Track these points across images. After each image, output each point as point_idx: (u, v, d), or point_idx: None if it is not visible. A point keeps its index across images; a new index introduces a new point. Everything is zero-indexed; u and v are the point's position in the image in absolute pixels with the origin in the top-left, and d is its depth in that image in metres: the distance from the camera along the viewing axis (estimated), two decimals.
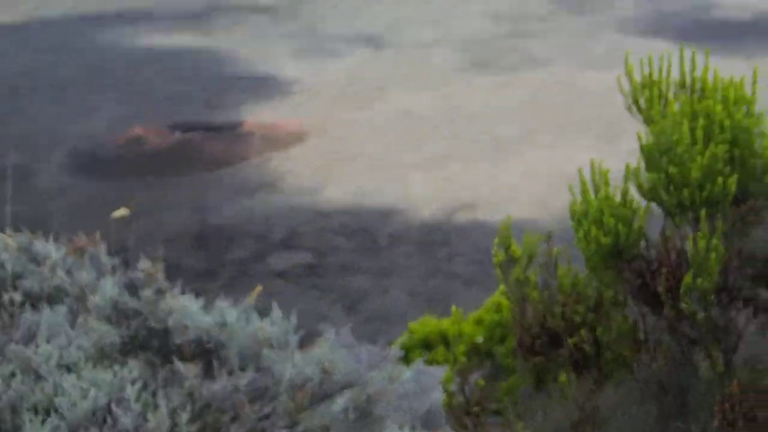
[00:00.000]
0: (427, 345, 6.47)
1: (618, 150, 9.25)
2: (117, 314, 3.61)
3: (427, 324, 6.71)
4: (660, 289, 4.22)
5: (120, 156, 16.87)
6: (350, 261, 12.36)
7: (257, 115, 19.69)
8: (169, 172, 16.18)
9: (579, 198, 4.48)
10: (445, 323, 6.72)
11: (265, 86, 22.73)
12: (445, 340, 6.49)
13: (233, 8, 34.65)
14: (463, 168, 15.68)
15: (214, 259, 12.33)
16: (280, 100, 21.45)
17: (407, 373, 3.78)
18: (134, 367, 3.21)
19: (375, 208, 14.23)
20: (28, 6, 36.88)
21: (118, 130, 18.91)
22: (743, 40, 24.83)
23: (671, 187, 4.25)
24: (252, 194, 14.98)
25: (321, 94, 21.80)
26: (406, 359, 5.76)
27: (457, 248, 12.68)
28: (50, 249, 4.21)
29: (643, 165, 4.36)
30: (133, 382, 3.13)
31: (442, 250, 12.81)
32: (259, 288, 3.90)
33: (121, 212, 13.50)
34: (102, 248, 4.36)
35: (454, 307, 6.86)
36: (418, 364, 4.22)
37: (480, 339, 6.18)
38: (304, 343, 3.61)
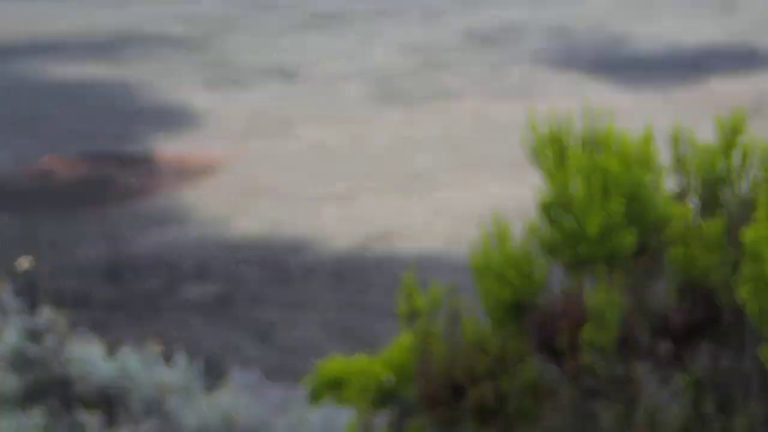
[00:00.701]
0: (336, 385, 6.44)
1: (526, 185, 9.36)
2: (20, 361, 3.58)
3: (336, 363, 6.69)
4: (560, 342, 4.28)
5: (30, 189, 16.68)
6: (262, 292, 12.32)
7: (168, 147, 19.58)
8: (80, 204, 16.04)
9: (480, 251, 4.52)
10: (355, 363, 6.70)
11: (176, 118, 22.63)
12: (355, 380, 6.46)
13: (145, 38, 34.50)
14: (375, 201, 15.74)
15: (125, 290, 12.23)
16: (191, 131, 21.36)
17: (316, 415, 3.79)
18: (36, 415, 3.18)
19: (287, 239, 14.24)
20: None
21: (26, 164, 18.69)
22: (654, 72, 25.22)
23: (569, 242, 4.32)
24: (163, 225, 14.90)
25: (232, 126, 21.75)
26: (315, 399, 5.76)
27: (370, 280, 12.71)
28: None
29: (541, 220, 4.42)
30: (35, 430, 3.11)
31: (355, 282, 12.84)
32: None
33: (26, 263, 13.36)
34: (8, 290, 4.31)
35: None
36: (327, 406, 4.24)
37: (389, 378, 6.16)
38: (212, 382, 3.61)
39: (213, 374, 3.95)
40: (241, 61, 29.89)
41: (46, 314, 3.92)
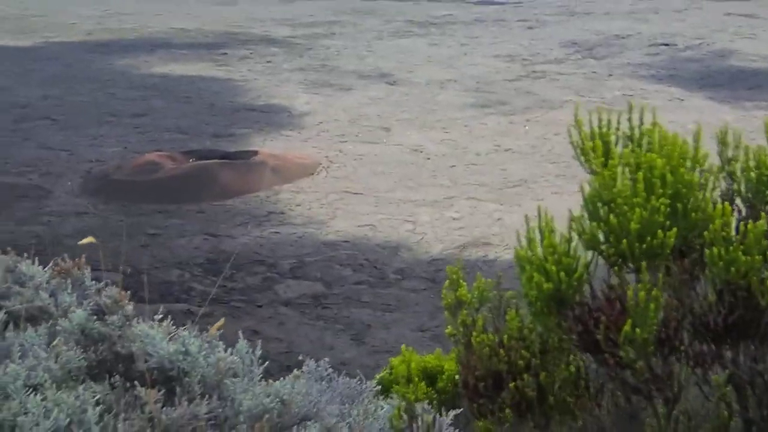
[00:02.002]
0: (408, 380, 6.51)
1: None
2: (85, 338, 3.73)
3: (409, 359, 6.77)
4: (600, 337, 4.35)
5: (134, 181, 17.01)
6: (356, 293, 12.45)
7: (269, 146, 19.84)
8: (182, 198, 16.32)
9: (525, 244, 4.61)
10: (429, 358, 6.77)
11: (277, 118, 22.89)
12: (427, 376, 6.53)
13: (249, 39, 34.90)
14: (471, 207, 15.81)
15: (223, 285, 12.44)
16: (291, 132, 21.60)
17: (385, 408, 3.89)
18: (98, 391, 3.31)
19: (382, 242, 14.36)
20: (44, 33, 37.14)
21: (132, 156, 19.08)
22: (758, 88, 24.96)
23: (611, 238, 4.39)
24: (261, 223, 15.12)
25: (331, 127, 21.96)
26: (385, 393, 5.85)
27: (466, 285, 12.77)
28: (35, 270, 4.33)
29: (585, 214, 4.49)
30: (96, 404, 3.23)
31: None
32: (221, 322, 4.01)
33: (88, 240, 13.61)
34: (86, 271, 4.47)
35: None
36: (395, 400, 4.34)
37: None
38: (283, 374, 3.70)
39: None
40: (342, 65, 30.10)
41: (113, 293, 4.06)
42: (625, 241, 4.24)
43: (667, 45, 32.26)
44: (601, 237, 4.43)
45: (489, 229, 14.61)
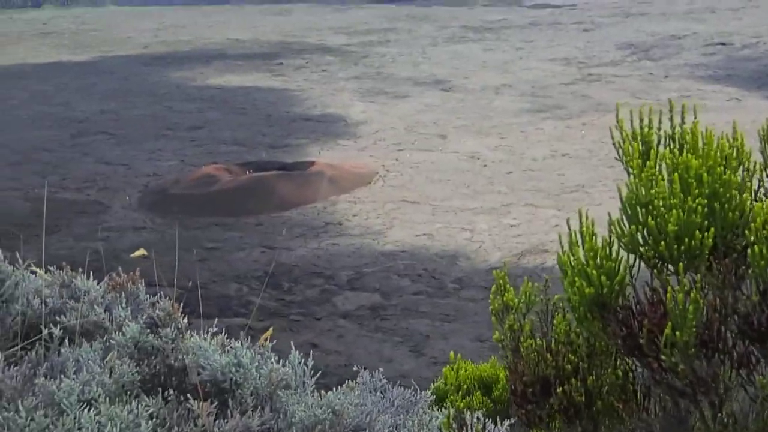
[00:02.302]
0: (458, 389, 6.48)
1: None
2: (139, 352, 3.74)
3: (464, 368, 6.73)
4: (643, 340, 4.28)
5: (191, 194, 17.10)
6: (415, 304, 12.41)
7: (325, 156, 19.87)
8: (239, 211, 16.38)
9: (566, 248, 4.55)
10: (484, 368, 6.72)
11: (333, 127, 22.94)
12: (483, 385, 6.49)
13: (304, 49, 35.03)
14: (529, 214, 15.73)
15: (281, 298, 12.45)
16: (348, 141, 21.63)
17: (439, 418, 3.86)
18: (151, 404, 3.31)
19: (440, 251, 14.31)
20: (101, 48, 37.48)
21: (189, 170, 19.18)
22: None
23: (649, 240, 4.32)
24: (319, 235, 15.13)
25: (387, 136, 21.95)
26: (440, 404, 5.80)
27: None
28: (90, 285, 4.35)
29: (624, 217, 4.42)
30: (150, 418, 3.24)
31: None
32: (269, 332, 4.00)
33: (140, 252, 13.75)
34: (141, 285, 4.49)
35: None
36: (452, 410, 4.30)
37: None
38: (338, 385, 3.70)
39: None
40: (397, 72, 30.12)
41: (166, 306, 4.06)
42: (663, 242, 4.19)
43: (723, 44, 31.99)
44: (640, 239, 4.38)
45: (547, 235, 14.51)
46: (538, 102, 24.96)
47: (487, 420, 3.74)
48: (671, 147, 4.46)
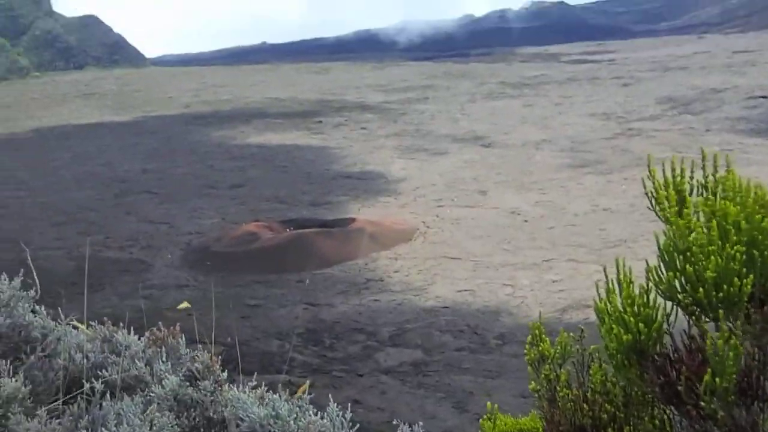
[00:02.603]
0: None
1: None
2: (178, 404, 3.74)
3: (503, 422, 6.66)
4: (681, 388, 4.23)
5: (233, 252, 17.15)
6: (457, 359, 12.34)
7: (366, 213, 19.90)
8: (281, 268, 16.40)
9: (603, 296, 4.52)
10: (524, 421, 6.66)
11: (373, 184, 22.98)
12: None
13: (343, 107, 35.21)
14: (570, 270, 15.65)
15: (325, 354, 12.42)
16: (388, 198, 21.66)
17: None
18: None
19: (482, 307, 14.25)
20: (143, 107, 37.82)
21: (230, 227, 19.26)
22: None
23: (687, 287, 4.28)
24: (361, 291, 15.11)
25: (427, 192, 21.97)
26: None
27: None
28: (131, 340, 4.37)
29: (661, 264, 4.39)
30: None
31: None
32: (306, 384, 3.99)
33: (184, 305, 13.79)
34: (181, 340, 4.51)
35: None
36: None
37: None
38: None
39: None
40: (436, 129, 30.20)
41: (205, 359, 4.07)
42: (701, 289, 4.16)
43: (765, 97, 31.88)
44: (678, 287, 4.35)
45: (589, 291, 14.40)
46: (579, 157, 24.94)
47: None
48: (705, 195, 4.46)
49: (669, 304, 4.51)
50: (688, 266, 4.19)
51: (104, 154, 29.23)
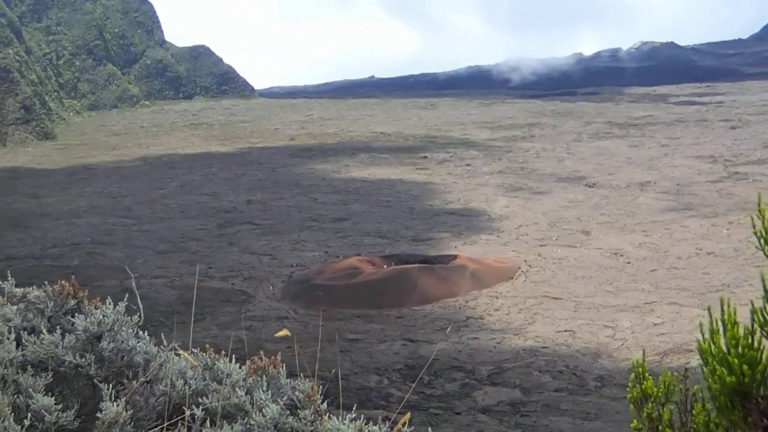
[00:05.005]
0: None
1: None
2: None
3: None
4: None
5: (335, 285, 17.27)
6: (555, 400, 12.28)
7: (468, 250, 19.92)
8: (381, 303, 16.48)
9: (707, 336, 4.49)
10: None
11: (476, 221, 23.01)
12: None
13: (449, 143, 35.32)
14: (672, 313, 15.50)
15: (423, 391, 12.45)
16: (490, 235, 21.66)
17: None
18: None
19: (582, 348, 14.17)
20: (249, 139, 38.27)
21: (332, 261, 19.41)
22: None
23: None
24: (460, 329, 15.12)
25: (530, 231, 21.93)
26: None
27: None
28: (232, 368, 4.46)
29: (767, 305, 4.34)
30: None
31: None
32: (407, 416, 4.03)
33: (283, 332, 13.89)
34: (282, 369, 4.57)
35: None
36: None
37: None
38: None
39: None
40: (541, 167, 30.15)
41: (305, 388, 4.12)
42: None
43: None
44: None
45: (691, 335, 14.25)
46: (683, 200, 24.72)
47: None
48: None
49: None
50: None
51: (209, 184, 29.64)
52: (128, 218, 24.91)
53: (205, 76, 62.61)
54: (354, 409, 4.18)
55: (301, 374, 4.59)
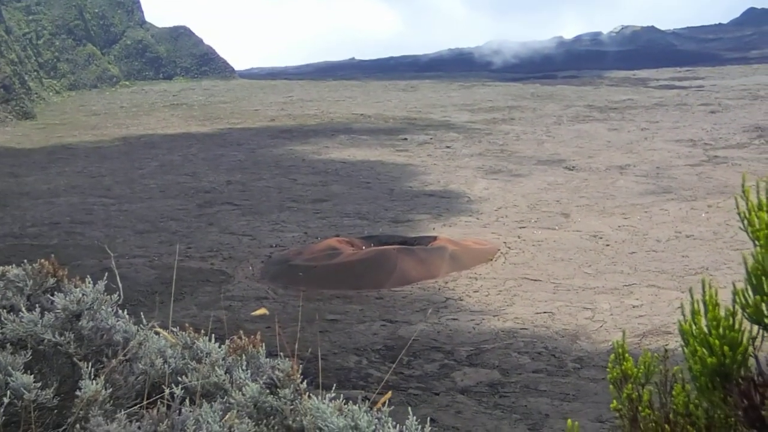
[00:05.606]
0: None
1: None
2: (257, 412, 3.80)
3: None
4: (766, 413, 4.20)
5: (314, 266, 17.25)
6: (534, 382, 12.30)
7: (447, 232, 19.93)
8: (361, 284, 16.47)
9: (689, 317, 4.49)
10: None
11: (456, 203, 23.01)
12: None
13: (429, 125, 35.30)
14: (650, 296, 15.54)
15: (402, 371, 12.46)
16: (470, 217, 21.66)
17: None
18: None
19: (561, 329, 14.20)
20: (229, 120, 38.18)
21: (312, 241, 19.40)
22: None
23: None
24: (440, 310, 15.13)
25: (510, 213, 21.95)
26: None
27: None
28: (212, 347, 4.45)
29: (748, 287, 4.35)
30: None
31: None
32: (388, 394, 4.02)
33: (261, 311, 13.89)
34: (261, 348, 4.57)
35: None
36: None
37: None
38: None
39: None
40: (521, 150, 30.17)
41: (285, 367, 4.12)
42: None
43: None
44: (765, 310, 4.33)
45: (670, 317, 14.31)
46: (663, 183, 24.77)
47: None
48: None
49: (755, 327, 4.50)
50: None
51: (189, 165, 29.58)
52: (108, 198, 24.84)
53: (185, 56, 62.44)
54: (333, 388, 4.18)
55: (281, 354, 4.59)
